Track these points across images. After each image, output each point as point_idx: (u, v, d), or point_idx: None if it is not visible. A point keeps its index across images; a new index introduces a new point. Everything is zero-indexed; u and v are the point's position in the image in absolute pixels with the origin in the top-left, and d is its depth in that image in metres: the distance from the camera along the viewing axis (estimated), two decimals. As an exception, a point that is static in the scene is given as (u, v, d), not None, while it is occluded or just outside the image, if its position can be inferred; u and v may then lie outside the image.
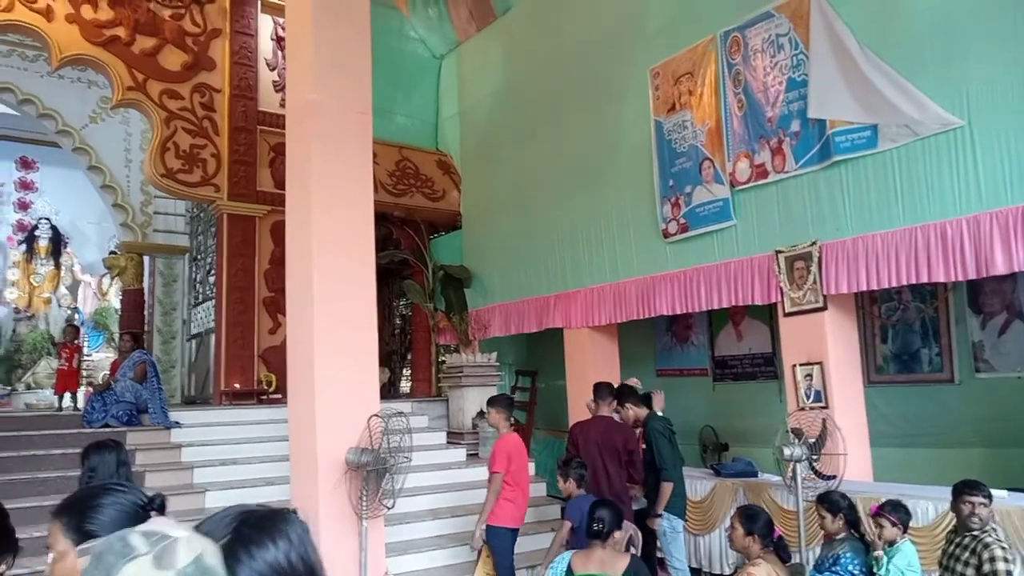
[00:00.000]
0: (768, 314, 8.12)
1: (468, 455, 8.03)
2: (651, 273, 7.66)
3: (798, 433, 5.24)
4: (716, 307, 7.23)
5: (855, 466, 5.54)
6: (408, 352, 12.33)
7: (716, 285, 7.07)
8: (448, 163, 11.17)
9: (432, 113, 11.59)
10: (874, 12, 5.87)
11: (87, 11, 8.61)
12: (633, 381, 6.54)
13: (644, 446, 5.80)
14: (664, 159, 7.54)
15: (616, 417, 5.84)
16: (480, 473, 7.53)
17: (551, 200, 8.98)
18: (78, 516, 1.39)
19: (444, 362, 10.73)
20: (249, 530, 0.98)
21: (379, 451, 4.87)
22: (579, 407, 8.58)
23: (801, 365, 6.35)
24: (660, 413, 6.09)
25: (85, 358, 8.88)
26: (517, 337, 9.98)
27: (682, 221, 7.34)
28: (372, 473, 4.86)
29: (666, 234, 7.47)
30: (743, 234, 6.87)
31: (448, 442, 8.25)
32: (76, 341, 8.91)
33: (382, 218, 9.61)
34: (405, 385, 12.43)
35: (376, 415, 4.99)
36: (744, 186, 6.77)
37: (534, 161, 9.31)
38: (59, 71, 9.05)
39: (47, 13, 8.39)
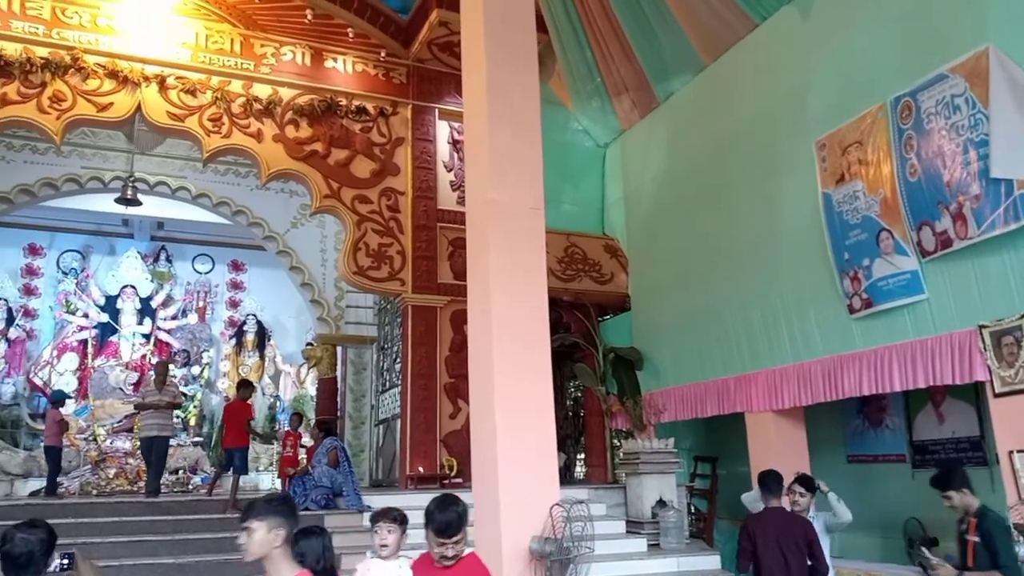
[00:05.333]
0: (973, 394, 7.43)
1: (649, 545, 7.81)
2: (837, 352, 7.28)
3: (1021, 529, 4.72)
4: (911, 387, 6.71)
5: (1092, 567, 4.87)
6: (581, 436, 12.32)
7: (910, 364, 6.59)
8: (615, 246, 11.33)
9: (598, 199, 11.88)
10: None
11: (290, 131, 9.76)
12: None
13: (976, 539, 5.30)
14: (836, 232, 7.26)
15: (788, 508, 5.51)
16: (663, 564, 7.32)
17: (721, 279, 8.85)
18: None
19: (618, 447, 10.61)
20: None
21: (562, 540, 4.90)
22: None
23: (1019, 452, 5.73)
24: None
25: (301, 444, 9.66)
26: (695, 421, 9.72)
27: (864, 296, 6.98)
28: (556, 563, 4.88)
29: (852, 309, 7.12)
30: (937, 308, 6.41)
31: (628, 531, 8.09)
32: (299, 429, 9.73)
33: (552, 303, 9.77)
34: (579, 470, 12.37)
35: (558, 504, 5.04)
36: (932, 256, 6.36)
37: (702, 240, 9.26)
38: (266, 184, 10.22)
39: (258, 135, 9.60)
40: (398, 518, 3.82)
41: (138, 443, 12.30)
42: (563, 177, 11.17)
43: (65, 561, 2.98)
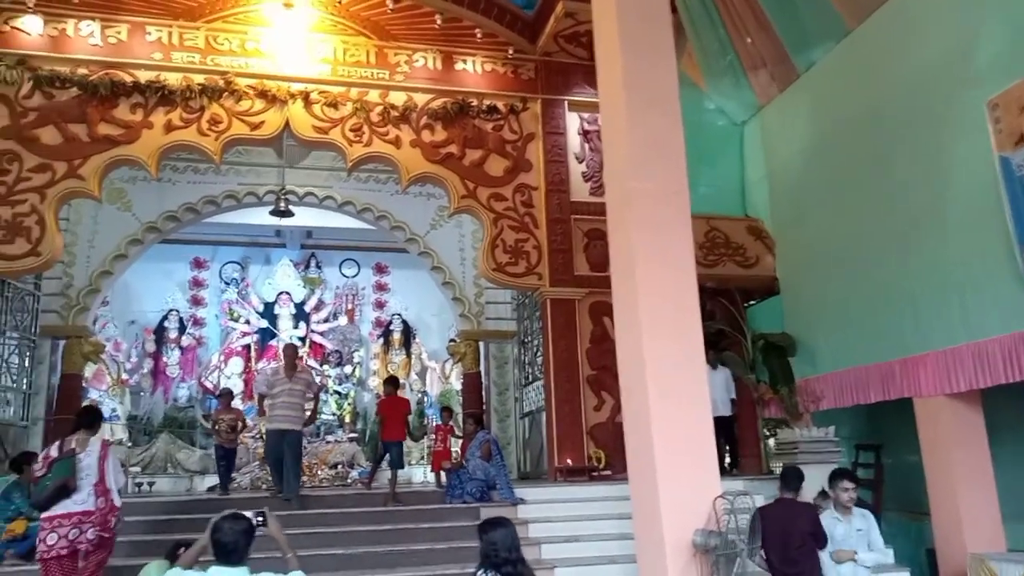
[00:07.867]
0: None
1: (812, 537, 7.45)
2: (1019, 329, 6.65)
3: None
4: (1111, 365, 6.06)
5: None
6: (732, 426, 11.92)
7: (1108, 338, 5.94)
8: (759, 228, 10.87)
9: (737, 180, 11.45)
10: None
11: (426, 135, 10.02)
12: None
13: None
14: (1017, 198, 6.60)
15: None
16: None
17: (881, 256, 8.29)
18: None
19: (771, 436, 10.20)
20: None
21: (727, 533, 4.75)
22: (939, 484, 7.62)
23: None
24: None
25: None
26: (854, 408, 9.19)
27: (1049, 268, 6.34)
28: (722, 557, 4.74)
29: (1033, 283, 6.49)
30: None
31: (789, 523, 7.76)
32: (450, 423, 10.01)
33: (696, 291, 9.59)
34: (728, 461, 11.97)
35: (721, 496, 4.89)
36: None
37: (857, 215, 8.72)
38: (406, 188, 10.54)
39: (396, 142, 9.91)
40: None
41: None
42: (699, 159, 10.78)
43: (260, 518, 3.50)
